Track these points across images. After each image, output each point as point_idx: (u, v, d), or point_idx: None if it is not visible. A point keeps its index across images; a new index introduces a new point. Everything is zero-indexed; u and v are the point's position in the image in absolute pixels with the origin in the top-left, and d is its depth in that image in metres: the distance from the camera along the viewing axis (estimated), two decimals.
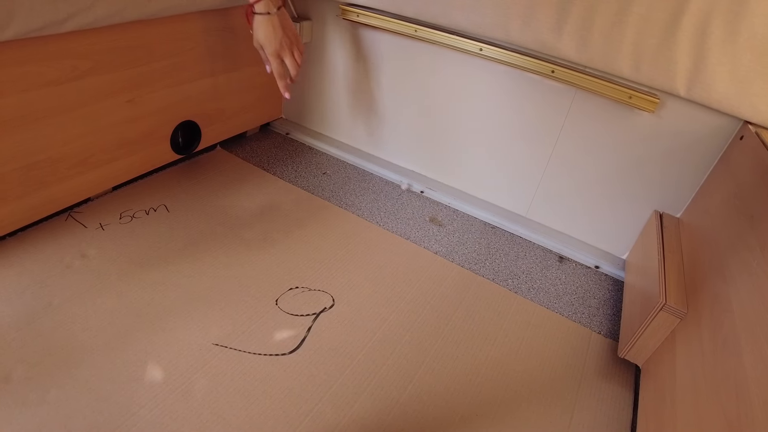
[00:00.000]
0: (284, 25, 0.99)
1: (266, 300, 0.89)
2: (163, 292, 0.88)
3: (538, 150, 1.10)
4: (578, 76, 0.96)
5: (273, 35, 0.98)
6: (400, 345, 0.84)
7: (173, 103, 1.12)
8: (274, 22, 0.97)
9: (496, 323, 0.92)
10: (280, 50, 1.00)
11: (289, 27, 1.01)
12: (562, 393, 0.81)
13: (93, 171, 1.03)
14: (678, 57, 0.85)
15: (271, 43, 0.98)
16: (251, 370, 0.76)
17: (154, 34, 1.01)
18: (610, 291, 1.05)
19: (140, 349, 0.77)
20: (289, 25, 1.01)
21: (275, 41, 0.99)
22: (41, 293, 0.84)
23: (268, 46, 0.99)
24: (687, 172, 0.96)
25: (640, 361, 0.84)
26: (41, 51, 0.84)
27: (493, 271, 1.05)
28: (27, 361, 0.73)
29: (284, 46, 1.00)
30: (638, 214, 1.05)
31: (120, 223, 1.02)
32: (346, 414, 0.72)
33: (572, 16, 0.90)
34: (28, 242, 0.94)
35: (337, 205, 1.19)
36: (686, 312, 0.75)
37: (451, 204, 1.26)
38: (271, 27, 0.97)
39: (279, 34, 0.99)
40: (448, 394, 0.77)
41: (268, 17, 0.96)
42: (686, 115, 0.92)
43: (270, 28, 0.97)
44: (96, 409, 0.68)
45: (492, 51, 1.02)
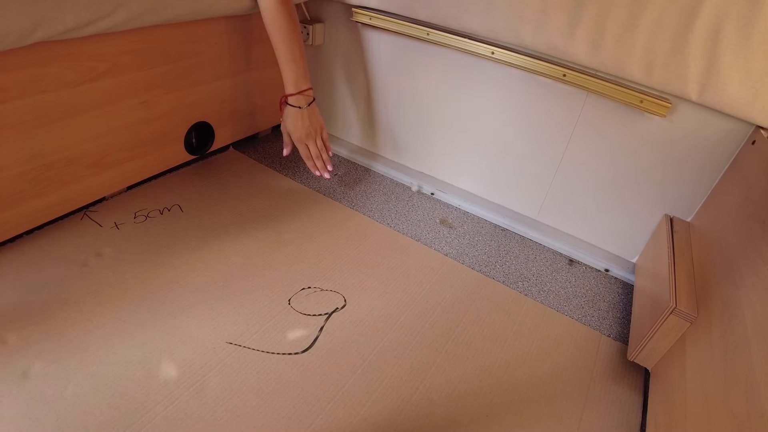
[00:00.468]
0: (311, 117, 1.11)
1: (279, 299, 0.90)
2: (177, 291, 0.89)
3: (549, 153, 1.11)
4: (590, 80, 0.96)
5: (300, 125, 1.10)
6: (411, 345, 0.85)
7: (187, 104, 1.14)
8: (303, 115, 1.09)
9: (506, 325, 0.92)
10: (306, 138, 1.12)
11: (316, 119, 1.13)
12: (571, 395, 0.81)
13: (108, 171, 1.04)
14: (690, 61, 0.85)
15: (298, 131, 1.10)
16: (264, 369, 0.77)
17: (169, 37, 1.02)
18: (620, 294, 1.05)
19: (155, 346, 0.78)
20: (315, 117, 1.12)
21: (301, 130, 1.10)
22: (58, 291, 0.86)
23: (294, 133, 1.11)
24: (698, 176, 0.96)
25: (649, 364, 0.84)
26: (60, 53, 0.85)
27: (504, 273, 1.06)
28: (44, 358, 0.74)
29: (309, 135, 1.12)
30: (648, 218, 1.05)
31: (134, 223, 1.04)
32: (358, 413, 0.73)
33: (584, 21, 0.91)
34: (45, 240, 0.96)
35: (348, 206, 1.20)
36: (696, 316, 0.75)
37: (462, 206, 1.26)
38: (300, 119, 1.09)
39: (306, 125, 1.10)
40: (458, 395, 0.78)
41: (299, 110, 1.08)
42: (698, 119, 0.92)
43: (299, 120, 1.09)
44: (112, 405, 0.69)
45: (504, 54, 1.03)
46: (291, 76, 1.06)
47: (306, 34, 1.29)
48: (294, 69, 1.06)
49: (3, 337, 0.76)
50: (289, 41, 1.05)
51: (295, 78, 1.07)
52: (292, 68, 1.06)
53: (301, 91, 1.08)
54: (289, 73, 1.06)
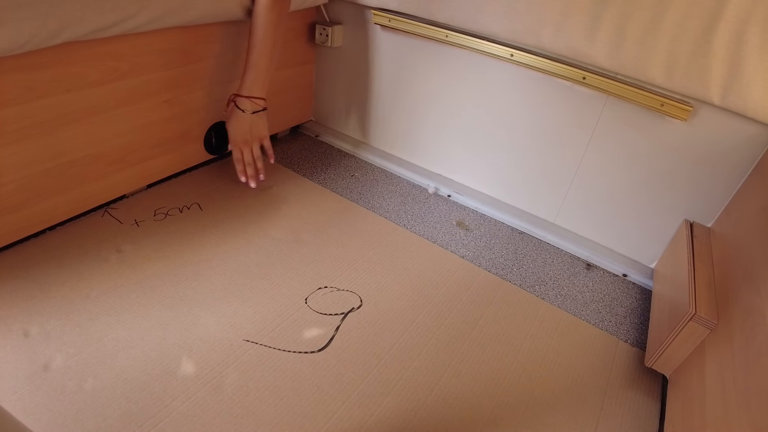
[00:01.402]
0: (253, 125, 1.10)
1: (296, 298, 0.91)
2: (195, 288, 0.90)
3: (568, 156, 1.10)
4: (610, 83, 0.95)
5: (239, 129, 1.10)
6: (427, 347, 0.85)
7: (208, 104, 1.15)
8: (244, 120, 1.09)
9: (522, 329, 0.92)
10: (241, 143, 1.11)
11: (258, 128, 1.12)
12: (588, 401, 0.80)
13: (129, 169, 1.06)
14: (713, 64, 0.84)
15: (234, 133, 1.10)
16: (281, 367, 0.78)
17: (191, 38, 1.04)
18: (638, 300, 1.04)
19: (173, 342, 0.79)
20: (258, 127, 1.12)
21: (238, 135, 1.10)
22: (79, 286, 0.87)
23: (230, 134, 1.10)
24: (719, 181, 0.95)
25: (667, 371, 0.83)
26: (84, 53, 0.87)
27: (521, 276, 1.05)
28: (65, 351, 0.75)
29: (246, 141, 1.11)
30: (668, 223, 1.04)
31: (154, 220, 1.05)
32: (373, 413, 0.73)
33: (605, 23, 0.90)
34: (67, 236, 0.98)
35: (365, 207, 1.20)
36: (717, 323, 0.74)
37: (479, 209, 1.26)
38: (239, 122, 1.09)
39: (244, 130, 1.10)
40: (473, 398, 0.78)
41: (241, 113, 1.08)
42: (720, 123, 0.91)
43: (238, 123, 1.09)
44: (131, 399, 0.70)
45: (523, 56, 1.03)
46: (248, 78, 1.06)
47: (325, 36, 1.30)
48: (254, 74, 1.06)
49: (26, 330, 0.78)
50: (261, 46, 1.04)
51: (251, 83, 1.06)
52: (252, 73, 1.06)
53: (251, 96, 1.07)
54: (248, 75, 1.06)
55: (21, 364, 0.73)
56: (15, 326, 0.78)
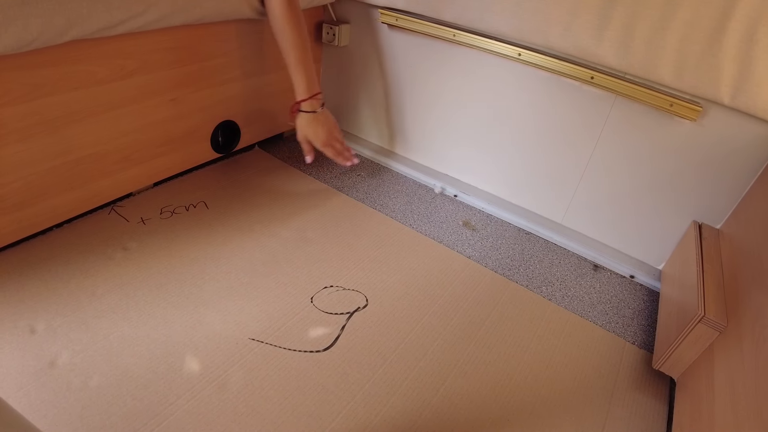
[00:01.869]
0: (327, 119, 1.11)
1: (302, 297, 0.91)
2: (201, 286, 0.90)
3: (576, 156, 1.09)
4: (618, 83, 0.95)
5: (321, 131, 1.10)
6: (433, 347, 0.85)
7: (215, 102, 1.15)
8: (319, 119, 1.09)
9: (529, 330, 0.91)
10: (329, 141, 1.12)
11: (331, 119, 1.13)
12: (594, 403, 0.80)
13: (136, 167, 1.06)
14: (723, 64, 0.83)
15: (319, 137, 1.11)
16: (286, 366, 0.78)
17: (199, 37, 1.04)
18: (645, 301, 1.04)
19: (178, 341, 0.79)
20: (330, 118, 1.13)
21: (323, 135, 1.11)
22: (85, 283, 0.87)
23: (316, 140, 1.11)
24: (729, 181, 0.94)
25: (675, 373, 0.83)
26: (92, 51, 0.87)
27: (527, 277, 1.05)
28: (71, 348, 0.75)
29: (331, 136, 1.12)
30: (676, 224, 1.04)
31: (161, 218, 1.05)
32: (378, 413, 0.73)
33: (614, 22, 0.90)
34: (74, 234, 0.98)
35: (371, 206, 1.20)
36: (726, 325, 0.73)
37: (485, 209, 1.26)
38: (318, 124, 1.09)
39: (325, 129, 1.11)
40: (479, 399, 0.77)
41: (314, 115, 1.08)
42: (730, 123, 0.90)
43: (318, 125, 1.09)
44: (136, 397, 0.70)
45: (531, 56, 1.02)
46: (302, 80, 1.05)
47: (332, 35, 1.30)
48: (304, 73, 1.04)
49: (32, 326, 0.78)
50: (297, 46, 1.03)
51: (307, 82, 1.05)
52: (303, 72, 1.04)
53: (313, 95, 1.06)
54: (300, 77, 1.04)
55: (27, 361, 0.73)
56: (21, 323, 0.78)
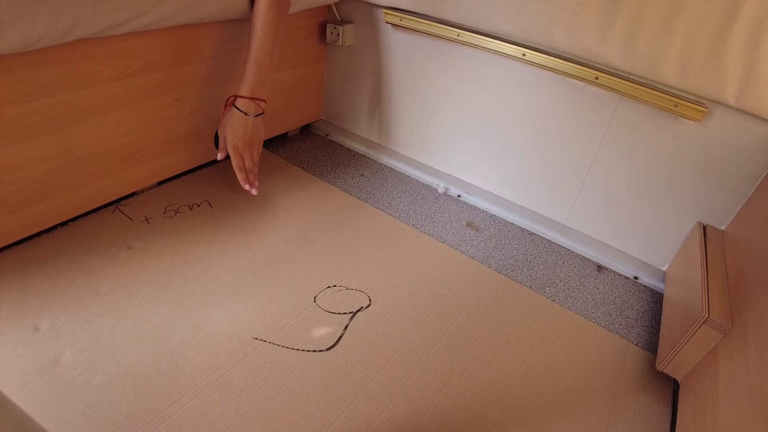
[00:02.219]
0: (255, 129, 1.03)
1: (305, 297, 0.91)
2: (204, 285, 0.90)
3: (579, 157, 1.09)
4: (622, 83, 0.95)
5: (242, 133, 1.01)
6: (436, 348, 0.85)
7: (219, 102, 1.15)
8: (247, 123, 1.01)
9: (532, 330, 0.91)
10: (243, 149, 1.02)
11: (259, 132, 1.05)
12: (597, 404, 0.80)
13: (140, 166, 1.07)
14: (728, 65, 0.83)
15: (237, 138, 1.01)
16: (289, 365, 0.78)
17: (203, 36, 1.04)
18: (649, 303, 1.03)
19: (182, 339, 0.79)
20: (259, 131, 1.04)
21: (241, 139, 1.01)
22: (89, 282, 0.88)
23: (232, 139, 1.01)
24: (733, 183, 0.94)
25: (679, 375, 0.82)
26: (97, 50, 0.88)
27: (531, 278, 1.05)
28: (75, 346, 0.76)
29: (248, 145, 1.03)
30: (680, 225, 1.03)
31: (164, 217, 1.05)
32: (380, 413, 0.73)
33: (618, 23, 0.90)
34: (78, 232, 0.98)
35: (375, 206, 1.20)
36: (730, 327, 0.73)
37: (489, 209, 1.26)
38: (243, 126, 1.00)
39: (248, 134, 1.02)
40: (482, 399, 0.77)
41: (245, 117, 1.00)
42: (735, 124, 0.90)
43: (241, 127, 1.00)
44: (139, 396, 0.70)
45: (535, 56, 1.02)
46: (251, 78, 0.99)
47: (336, 35, 1.30)
48: (256, 73, 0.98)
49: (37, 324, 0.78)
50: (263, 47, 0.98)
51: (255, 82, 0.99)
52: (254, 72, 0.98)
53: (254, 97, 1.00)
54: (250, 75, 0.99)
55: (31, 359, 0.73)
56: (26, 321, 0.78)
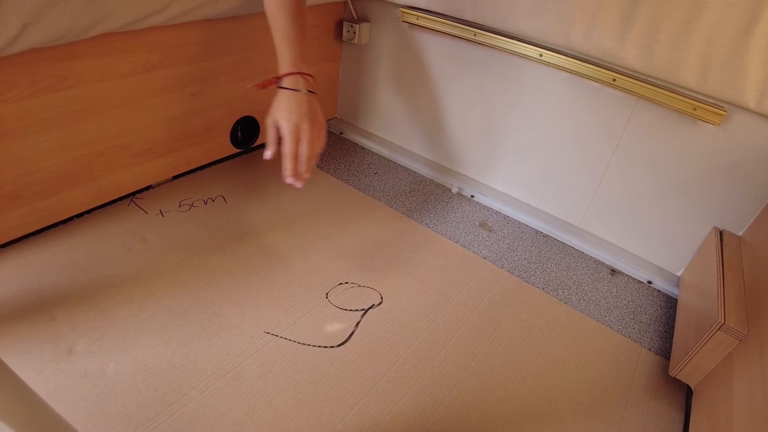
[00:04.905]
0: (313, 108, 0.80)
1: (317, 293, 0.92)
2: (218, 279, 0.91)
3: (595, 159, 1.09)
4: (640, 86, 0.94)
5: (296, 108, 0.78)
6: (447, 347, 0.85)
7: (235, 98, 1.16)
8: (300, 98, 0.79)
9: (544, 333, 0.91)
10: (302, 131, 0.78)
11: (319, 114, 0.82)
12: (609, 409, 0.79)
13: (156, 160, 1.08)
14: (749, 68, 0.82)
15: (292, 115, 0.78)
16: (300, 360, 0.78)
17: (220, 32, 1.05)
18: (663, 308, 1.03)
19: (194, 332, 0.80)
20: (319, 112, 0.82)
21: (296, 114, 0.78)
22: (105, 273, 0.89)
23: (286, 119, 0.78)
24: (752, 188, 0.93)
25: (692, 382, 0.82)
26: (116, 45, 0.89)
27: (544, 280, 1.04)
28: (89, 336, 0.77)
29: (308, 125, 0.79)
30: (696, 230, 1.03)
31: (179, 211, 1.07)
32: (390, 410, 0.73)
33: (637, 24, 0.89)
34: (94, 224, 1.00)
35: (387, 205, 1.21)
36: (746, 334, 0.72)
37: (502, 210, 1.26)
38: (296, 102, 0.78)
39: (303, 110, 0.79)
40: (492, 400, 0.77)
41: (296, 94, 0.79)
42: (754, 128, 0.89)
43: (294, 103, 0.78)
44: (151, 386, 0.71)
45: (552, 57, 1.02)
46: (287, 54, 0.80)
47: (353, 33, 1.31)
48: (290, 47, 0.80)
49: (52, 314, 0.79)
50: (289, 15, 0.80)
51: (292, 57, 0.80)
52: (287, 46, 0.80)
53: (301, 72, 0.80)
54: (286, 50, 0.80)
55: (46, 347, 0.74)
56: (42, 310, 0.80)
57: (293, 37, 0.81)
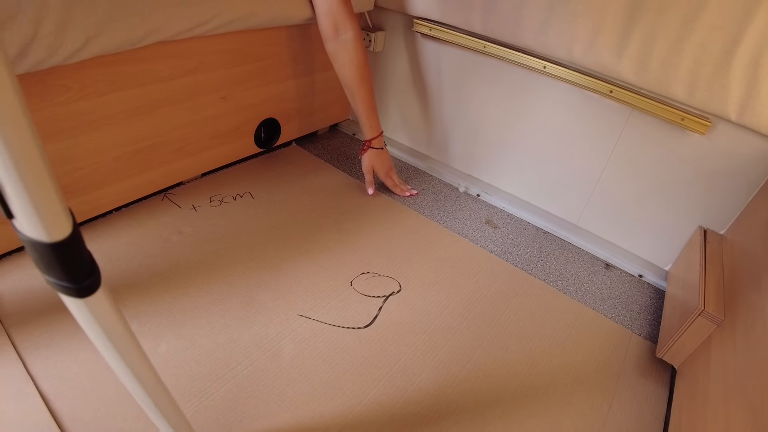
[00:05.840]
0: (387, 157, 1.31)
1: (342, 281, 1.01)
2: (252, 268, 1.00)
3: (592, 163, 1.17)
4: (634, 97, 1.02)
5: (385, 162, 1.30)
6: (459, 330, 0.94)
7: (260, 101, 1.25)
8: (384, 154, 1.29)
9: (545, 318, 1.00)
10: (390, 171, 1.32)
11: (389, 159, 1.32)
12: (603, 385, 0.89)
13: (188, 158, 1.16)
14: (731, 84, 0.90)
15: (384, 168, 1.29)
16: (332, 340, 0.87)
17: (250, 41, 1.13)
18: (652, 299, 1.12)
19: (234, 315, 0.89)
20: (389, 158, 1.32)
21: (386, 166, 1.30)
22: (147, 262, 0.97)
23: (381, 170, 1.29)
24: (733, 191, 1.01)
25: (676, 362, 0.91)
26: (159, 52, 0.97)
27: (544, 272, 1.14)
28: (139, 318, 0.85)
29: (391, 167, 1.32)
30: (683, 229, 1.11)
31: (210, 206, 1.15)
32: (413, 383, 0.82)
33: (633, 43, 0.97)
34: (132, 217, 1.08)
35: (400, 202, 1.29)
36: (723, 319, 0.81)
37: (506, 208, 1.34)
38: (382, 157, 1.28)
39: (387, 160, 1.30)
40: (500, 376, 0.87)
41: (381, 151, 1.27)
42: (736, 138, 0.97)
43: (382, 158, 1.28)
44: (200, 363, 0.80)
45: (555, 69, 1.10)
46: (373, 122, 1.23)
47: (368, 41, 1.38)
48: (374, 115, 1.23)
49: None
50: (366, 89, 1.19)
51: (376, 123, 1.24)
52: (373, 114, 1.23)
53: (380, 134, 1.26)
54: (372, 119, 1.23)
55: None
56: None
57: (373, 107, 1.22)
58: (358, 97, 1.19)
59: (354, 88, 1.18)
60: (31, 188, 0.30)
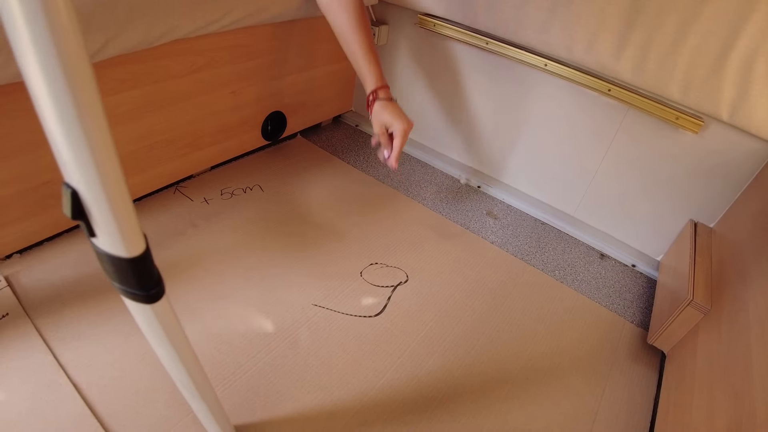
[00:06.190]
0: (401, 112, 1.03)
1: (352, 271, 1.05)
2: (266, 260, 1.04)
3: (590, 158, 1.21)
4: (631, 96, 1.06)
5: (400, 114, 1.01)
6: (464, 317, 0.99)
7: (267, 95, 1.27)
8: (396, 105, 1.03)
9: (544, 306, 1.06)
10: (409, 128, 1.02)
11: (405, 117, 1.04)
12: (597, 368, 0.95)
13: (198, 152, 1.19)
14: (724, 86, 0.94)
15: (403, 122, 1.00)
16: (345, 327, 0.92)
17: (256, 36, 1.15)
18: (644, 288, 1.18)
19: (252, 305, 0.93)
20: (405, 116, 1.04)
21: (406, 122, 1.01)
22: (164, 254, 1.01)
23: (398, 124, 1.00)
24: (723, 187, 1.06)
25: (666, 348, 0.97)
26: (170, 50, 0.99)
27: (543, 262, 1.19)
28: None
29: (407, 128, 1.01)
30: (675, 222, 1.16)
31: (221, 199, 1.18)
32: (422, 367, 0.88)
33: (631, 44, 1.01)
34: (146, 210, 1.11)
35: (404, 194, 1.34)
36: (710, 308, 0.87)
37: (506, 200, 1.39)
38: (398, 109, 1.02)
39: (403, 114, 1.02)
40: (503, 359, 0.92)
41: (392, 102, 1.03)
42: (727, 137, 1.01)
43: (397, 110, 1.02)
44: (221, 351, 0.84)
45: (555, 67, 1.13)
46: (375, 70, 1.02)
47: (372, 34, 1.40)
48: (376, 62, 1.02)
49: None
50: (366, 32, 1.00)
51: (379, 72, 1.03)
52: (374, 63, 1.02)
53: (386, 84, 1.04)
54: (374, 65, 1.02)
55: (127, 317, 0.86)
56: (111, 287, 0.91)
57: (374, 55, 1.02)
58: (354, 43, 1.00)
59: (349, 36, 1.00)
60: (116, 213, 0.35)
